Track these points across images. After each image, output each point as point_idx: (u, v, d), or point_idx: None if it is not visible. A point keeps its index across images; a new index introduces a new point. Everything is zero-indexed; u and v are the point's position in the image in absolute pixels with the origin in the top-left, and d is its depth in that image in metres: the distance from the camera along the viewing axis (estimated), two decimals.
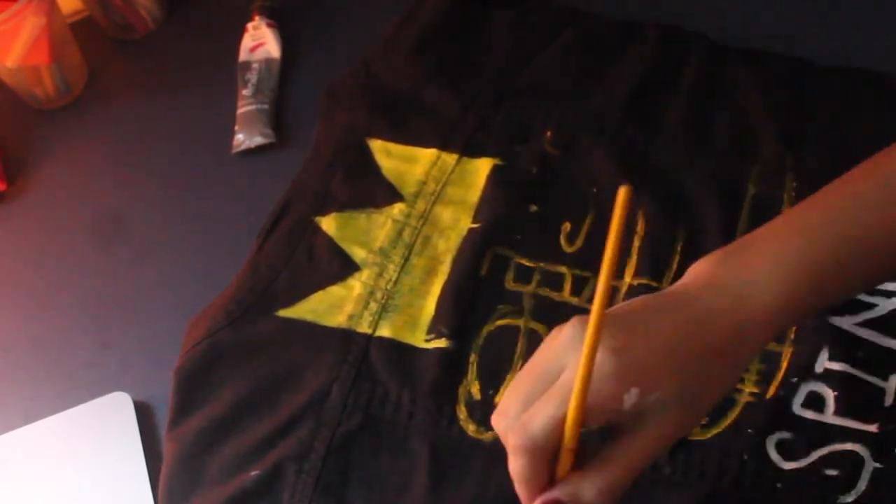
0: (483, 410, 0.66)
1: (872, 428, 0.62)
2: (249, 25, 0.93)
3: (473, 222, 0.74)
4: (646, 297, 0.53)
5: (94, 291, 0.81)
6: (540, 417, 0.49)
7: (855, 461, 0.61)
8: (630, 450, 0.50)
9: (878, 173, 0.54)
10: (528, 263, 0.72)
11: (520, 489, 0.51)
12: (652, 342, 0.51)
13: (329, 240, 0.75)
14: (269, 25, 0.92)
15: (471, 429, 0.66)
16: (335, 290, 0.73)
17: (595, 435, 0.51)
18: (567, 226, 0.73)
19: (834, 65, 0.78)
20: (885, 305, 0.66)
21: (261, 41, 0.92)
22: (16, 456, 0.73)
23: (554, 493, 0.50)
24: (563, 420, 0.48)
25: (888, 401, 0.62)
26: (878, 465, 0.60)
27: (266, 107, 0.88)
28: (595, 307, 0.46)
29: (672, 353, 0.51)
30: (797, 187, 0.71)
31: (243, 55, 0.91)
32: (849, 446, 0.61)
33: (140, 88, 0.94)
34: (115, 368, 0.77)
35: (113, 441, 0.72)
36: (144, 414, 0.73)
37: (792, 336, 0.66)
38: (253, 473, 0.66)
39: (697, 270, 0.54)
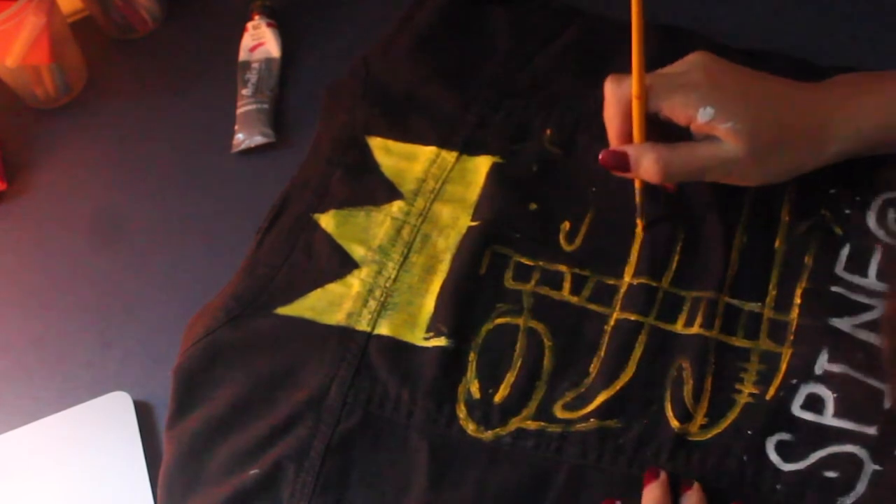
0: (482, 409, 0.66)
1: (871, 430, 0.61)
2: (249, 25, 0.93)
3: (473, 220, 0.74)
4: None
5: (94, 291, 0.81)
6: (627, 77, 0.65)
7: (854, 463, 0.61)
8: (695, 147, 0.65)
9: None
10: (527, 262, 0.72)
11: (610, 135, 0.68)
12: (746, 86, 0.65)
13: (328, 237, 0.75)
14: (269, 25, 0.92)
15: (470, 428, 0.66)
16: (334, 288, 0.73)
17: None
18: (566, 224, 0.73)
19: (834, 65, 0.78)
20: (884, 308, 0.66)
21: (261, 41, 0.92)
22: (16, 455, 0.73)
23: (624, 148, 0.66)
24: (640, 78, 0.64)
25: (887, 403, 0.62)
26: (877, 467, 0.60)
27: (266, 106, 0.88)
28: None
29: (760, 101, 0.64)
30: (797, 187, 0.71)
31: (243, 55, 0.92)
32: (848, 448, 0.61)
33: (140, 88, 0.94)
34: (115, 368, 0.77)
35: (113, 440, 0.72)
36: (144, 413, 0.74)
37: (791, 337, 0.66)
38: (252, 472, 0.66)
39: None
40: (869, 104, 0.66)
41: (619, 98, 0.66)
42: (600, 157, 0.67)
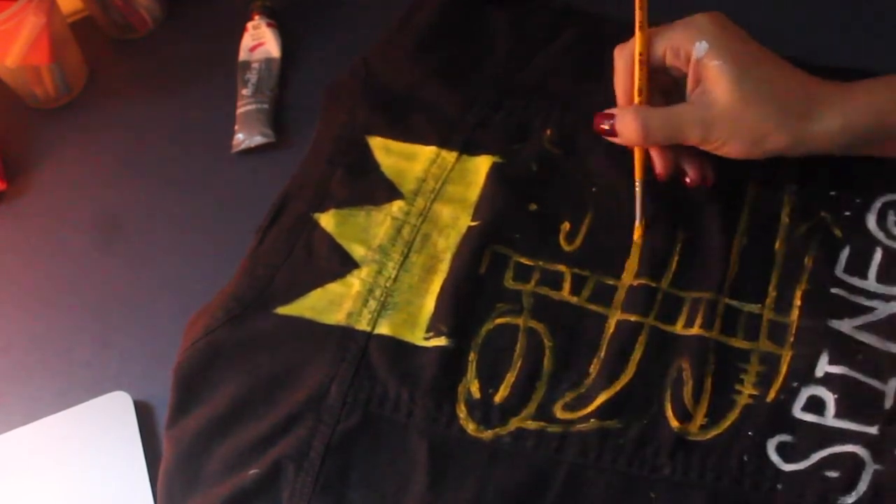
0: (482, 409, 0.66)
1: (872, 430, 0.61)
2: (249, 25, 0.93)
3: (473, 220, 0.74)
4: None
5: (94, 291, 0.81)
6: (632, 39, 0.68)
7: (855, 463, 0.61)
8: (677, 105, 0.66)
9: None
10: (527, 262, 0.72)
11: (619, 100, 0.70)
12: (747, 39, 0.66)
13: (328, 237, 0.75)
14: (269, 25, 0.92)
15: (470, 427, 0.66)
16: (334, 288, 0.73)
17: None
18: (566, 225, 0.73)
19: (834, 65, 0.78)
20: (884, 309, 0.66)
21: (261, 41, 0.92)
22: (16, 455, 0.73)
23: (611, 110, 0.69)
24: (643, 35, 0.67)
25: (888, 403, 0.62)
26: (878, 466, 0.60)
27: (266, 106, 0.88)
28: None
29: (756, 53, 0.66)
30: (797, 189, 0.71)
31: (243, 55, 0.92)
32: (849, 448, 0.61)
33: (140, 88, 0.94)
34: (115, 368, 0.77)
35: (113, 441, 0.72)
36: (144, 414, 0.73)
37: (791, 339, 0.66)
38: (252, 472, 0.66)
39: None
40: (859, 90, 0.65)
41: (626, 60, 0.68)
42: (594, 122, 0.69)
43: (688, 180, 0.71)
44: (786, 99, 0.65)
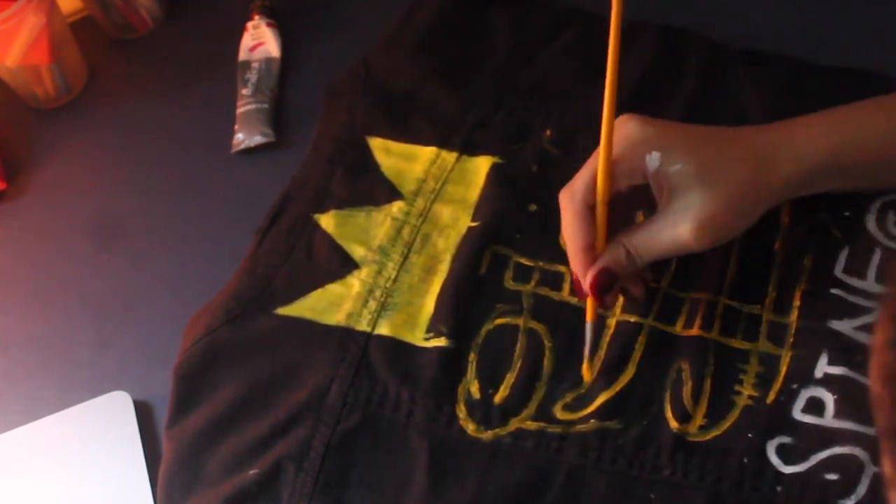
0: (482, 409, 0.66)
1: (872, 431, 0.61)
2: (249, 25, 0.93)
3: (473, 221, 0.74)
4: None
5: (94, 291, 0.81)
6: (580, 176, 0.64)
7: (855, 465, 0.60)
8: (670, 223, 0.63)
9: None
10: (527, 262, 0.72)
11: (573, 260, 0.65)
12: (684, 129, 0.65)
13: (328, 237, 0.75)
14: (269, 25, 0.92)
15: (470, 428, 0.66)
16: (334, 288, 0.73)
17: None
18: None
19: (834, 65, 0.78)
20: None
21: (261, 41, 0.92)
22: (16, 455, 0.73)
23: (603, 264, 0.64)
24: (596, 174, 0.63)
25: None
26: (878, 469, 0.60)
27: (266, 106, 0.88)
28: (610, 57, 0.63)
29: (700, 140, 0.64)
30: None
31: (243, 55, 0.92)
32: (849, 450, 0.61)
33: (140, 88, 0.94)
34: (115, 368, 0.77)
35: (113, 440, 0.72)
36: (144, 413, 0.73)
37: (791, 339, 0.66)
38: (252, 472, 0.66)
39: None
40: (812, 128, 0.65)
41: (576, 209, 0.64)
42: (588, 287, 0.64)
43: (635, 294, 0.69)
44: (747, 168, 0.63)
